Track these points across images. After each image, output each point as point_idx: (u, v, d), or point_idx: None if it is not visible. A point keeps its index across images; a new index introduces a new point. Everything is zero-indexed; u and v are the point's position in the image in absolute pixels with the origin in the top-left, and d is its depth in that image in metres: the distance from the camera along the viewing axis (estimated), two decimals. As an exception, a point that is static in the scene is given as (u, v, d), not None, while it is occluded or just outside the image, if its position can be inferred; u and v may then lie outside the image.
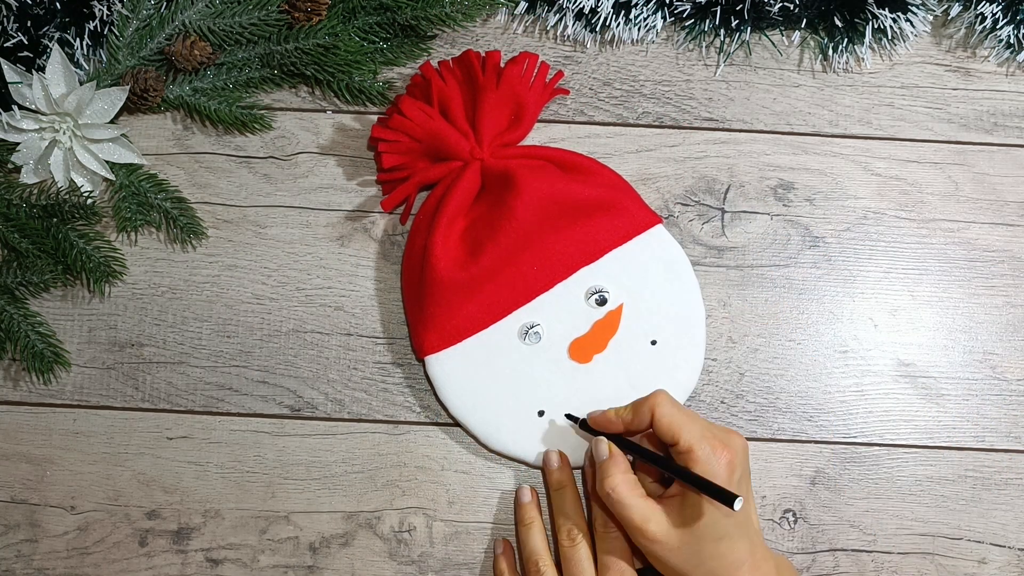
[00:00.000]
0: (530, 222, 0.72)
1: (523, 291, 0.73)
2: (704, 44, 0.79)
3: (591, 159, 0.75)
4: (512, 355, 0.73)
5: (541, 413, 0.73)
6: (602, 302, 0.74)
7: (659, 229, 0.75)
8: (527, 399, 0.73)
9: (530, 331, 0.73)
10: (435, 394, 0.74)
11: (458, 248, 0.73)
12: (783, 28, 0.78)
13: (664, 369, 0.73)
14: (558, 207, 0.73)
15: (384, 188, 0.77)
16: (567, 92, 0.77)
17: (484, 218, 0.73)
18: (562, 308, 0.74)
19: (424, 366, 0.74)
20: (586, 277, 0.74)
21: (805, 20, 0.77)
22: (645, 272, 0.74)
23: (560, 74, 0.77)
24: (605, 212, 0.74)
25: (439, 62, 0.76)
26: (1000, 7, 0.76)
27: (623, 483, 0.66)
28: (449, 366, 0.73)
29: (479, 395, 0.73)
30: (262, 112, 0.77)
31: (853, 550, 0.74)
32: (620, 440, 0.69)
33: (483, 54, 0.74)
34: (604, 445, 0.68)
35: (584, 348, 0.73)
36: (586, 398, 0.73)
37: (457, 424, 0.74)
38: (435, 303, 0.72)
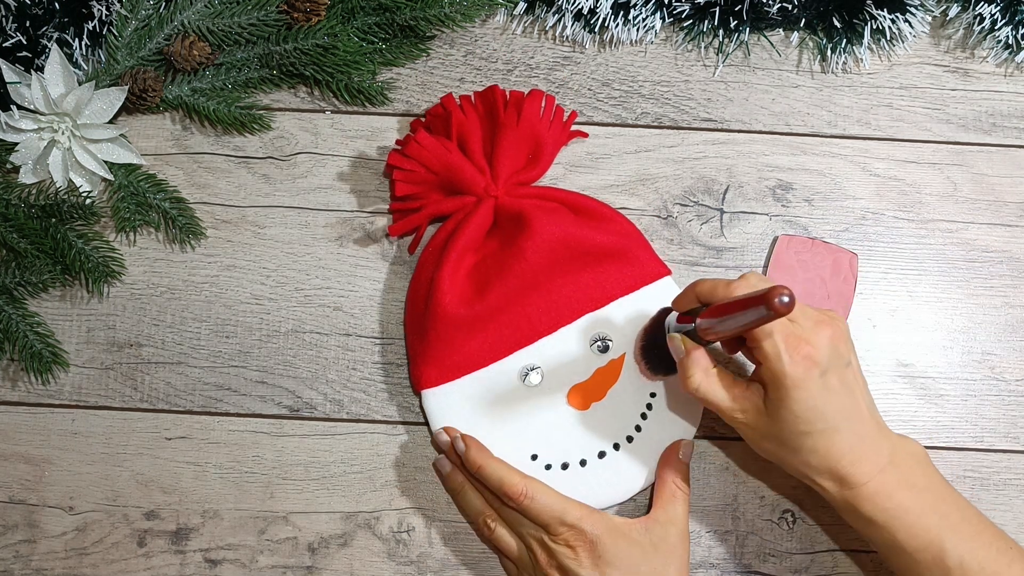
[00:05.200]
0: (539, 264, 0.72)
1: (526, 332, 0.73)
2: (703, 45, 0.79)
3: (605, 205, 0.75)
4: (510, 396, 0.73)
5: (535, 457, 0.73)
6: (604, 349, 0.73)
7: (667, 281, 0.75)
8: (522, 441, 0.73)
9: (530, 373, 0.73)
10: (429, 429, 0.74)
11: (465, 284, 0.73)
12: (782, 29, 0.78)
13: (662, 423, 0.73)
14: (568, 251, 0.72)
15: (395, 216, 0.76)
16: (586, 135, 0.77)
17: (494, 256, 0.73)
18: (564, 352, 0.73)
19: (420, 400, 0.74)
20: (591, 323, 0.73)
21: (804, 20, 0.77)
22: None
23: (575, 114, 0.77)
24: (615, 260, 0.74)
25: (460, 96, 0.75)
26: (998, 8, 0.76)
27: (705, 380, 0.64)
28: (446, 402, 0.73)
29: (473, 434, 0.72)
30: (261, 112, 0.77)
31: (852, 550, 0.74)
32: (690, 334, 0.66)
33: (508, 93, 0.74)
34: (678, 343, 0.66)
35: (583, 395, 0.73)
36: (582, 445, 0.73)
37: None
38: (437, 337, 0.72)
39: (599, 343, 0.73)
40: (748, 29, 0.77)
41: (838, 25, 0.77)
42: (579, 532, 0.67)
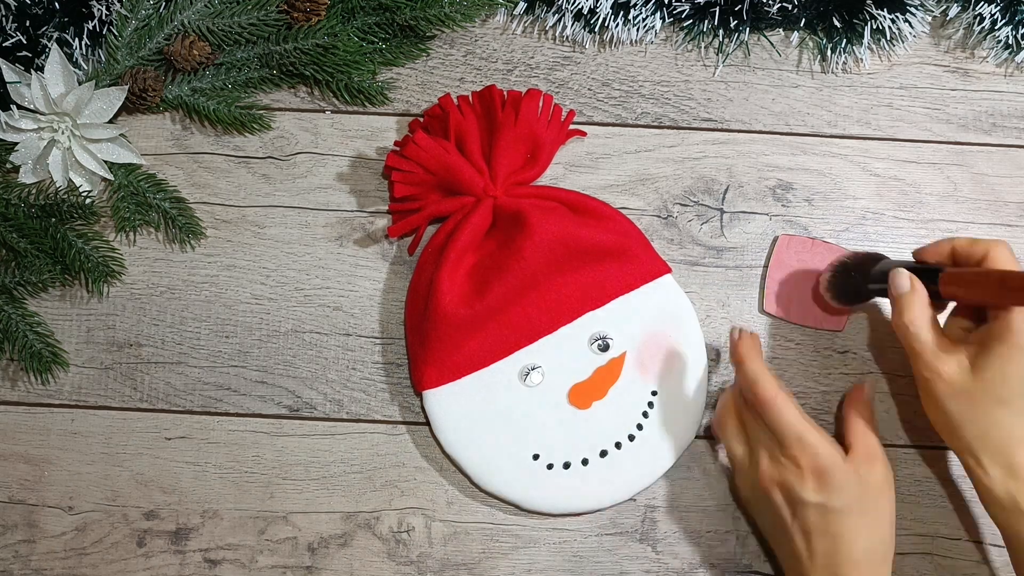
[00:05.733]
0: (538, 263, 0.72)
1: (527, 332, 0.73)
2: (703, 45, 0.79)
3: (604, 204, 0.75)
4: (511, 396, 0.73)
5: (536, 457, 0.73)
6: (605, 348, 0.73)
7: (667, 279, 0.75)
8: (523, 442, 0.73)
9: (531, 373, 0.73)
10: (430, 429, 0.74)
11: (465, 284, 0.73)
12: (782, 29, 0.78)
13: (664, 421, 0.73)
14: (568, 250, 0.72)
15: (394, 217, 0.76)
16: (584, 134, 0.77)
17: (493, 256, 0.73)
18: (565, 352, 0.73)
19: (421, 400, 0.74)
20: (591, 322, 0.73)
21: (804, 20, 0.77)
22: (651, 321, 0.74)
23: (573, 113, 0.77)
24: (614, 258, 0.74)
25: (458, 96, 0.75)
26: (998, 8, 0.76)
27: (921, 316, 0.64)
28: (447, 402, 0.73)
29: (474, 434, 0.72)
30: (261, 112, 0.77)
31: (852, 550, 0.74)
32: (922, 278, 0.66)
33: (506, 93, 0.74)
34: (905, 278, 0.65)
35: (584, 394, 0.73)
36: (583, 445, 0.73)
37: (451, 462, 0.74)
38: (437, 338, 0.72)
39: (599, 342, 0.73)
40: (748, 29, 0.77)
41: (838, 25, 0.77)
42: (813, 456, 0.66)
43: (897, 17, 0.76)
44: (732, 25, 0.77)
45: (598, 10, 0.76)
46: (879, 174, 0.78)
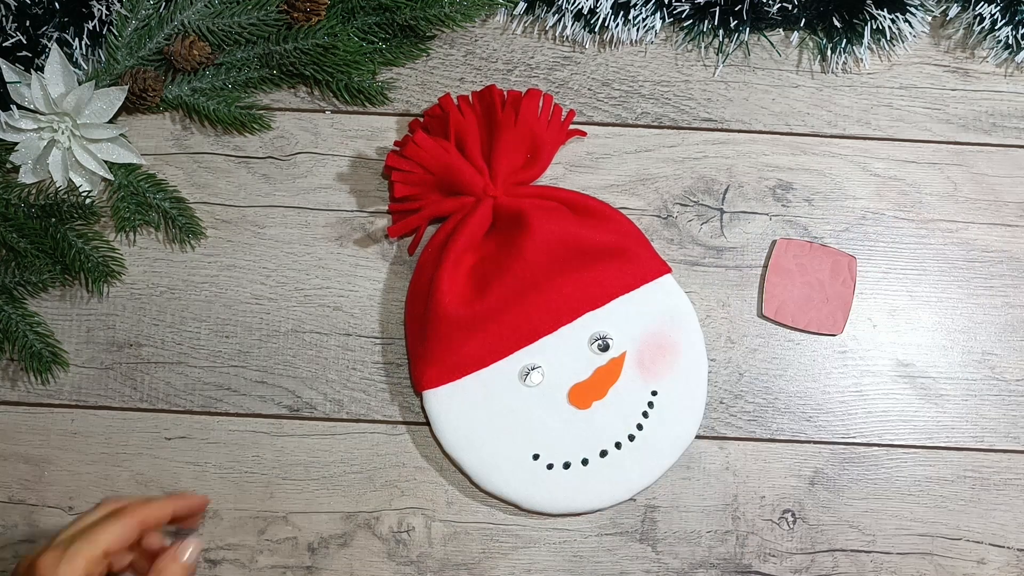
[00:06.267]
0: (539, 263, 0.72)
1: (527, 332, 0.73)
2: (703, 45, 0.79)
3: (605, 204, 0.75)
4: (511, 396, 0.73)
5: (536, 457, 0.73)
6: (605, 348, 0.73)
7: (667, 279, 0.75)
8: (523, 442, 0.73)
9: (531, 372, 0.73)
10: (430, 429, 0.74)
11: (465, 284, 0.73)
12: (782, 29, 0.78)
13: (663, 421, 0.73)
14: (568, 250, 0.73)
15: (394, 217, 0.76)
16: (584, 134, 0.77)
17: (493, 256, 0.73)
18: (565, 352, 0.73)
19: (422, 400, 0.74)
20: (591, 322, 0.73)
21: (804, 20, 0.77)
22: (651, 321, 0.74)
23: (573, 113, 0.77)
24: (615, 258, 0.74)
25: (458, 96, 0.75)
26: (998, 8, 0.76)
27: None
28: (447, 402, 0.73)
29: (475, 434, 0.72)
30: (261, 112, 0.77)
31: (852, 550, 0.74)
32: None
33: (506, 93, 0.74)
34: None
35: (584, 394, 0.73)
36: (583, 445, 0.73)
37: (451, 462, 0.74)
38: (437, 338, 0.72)
39: (599, 342, 0.73)
40: (748, 29, 0.77)
41: (838, 25, 0.77)
42: None
43: (897, 17, 0.76)
44: (732, 25, 0.77)
45: (598, 10, 0.76)
46: (879, 174, 0.78)
